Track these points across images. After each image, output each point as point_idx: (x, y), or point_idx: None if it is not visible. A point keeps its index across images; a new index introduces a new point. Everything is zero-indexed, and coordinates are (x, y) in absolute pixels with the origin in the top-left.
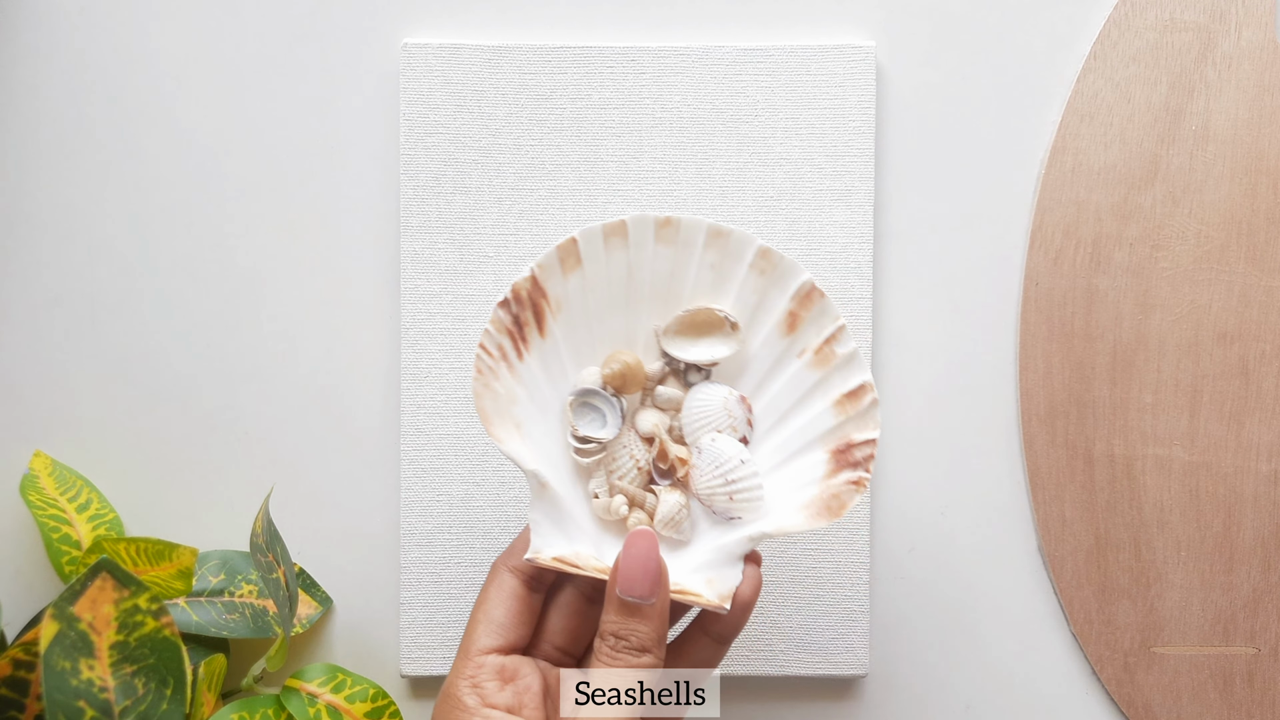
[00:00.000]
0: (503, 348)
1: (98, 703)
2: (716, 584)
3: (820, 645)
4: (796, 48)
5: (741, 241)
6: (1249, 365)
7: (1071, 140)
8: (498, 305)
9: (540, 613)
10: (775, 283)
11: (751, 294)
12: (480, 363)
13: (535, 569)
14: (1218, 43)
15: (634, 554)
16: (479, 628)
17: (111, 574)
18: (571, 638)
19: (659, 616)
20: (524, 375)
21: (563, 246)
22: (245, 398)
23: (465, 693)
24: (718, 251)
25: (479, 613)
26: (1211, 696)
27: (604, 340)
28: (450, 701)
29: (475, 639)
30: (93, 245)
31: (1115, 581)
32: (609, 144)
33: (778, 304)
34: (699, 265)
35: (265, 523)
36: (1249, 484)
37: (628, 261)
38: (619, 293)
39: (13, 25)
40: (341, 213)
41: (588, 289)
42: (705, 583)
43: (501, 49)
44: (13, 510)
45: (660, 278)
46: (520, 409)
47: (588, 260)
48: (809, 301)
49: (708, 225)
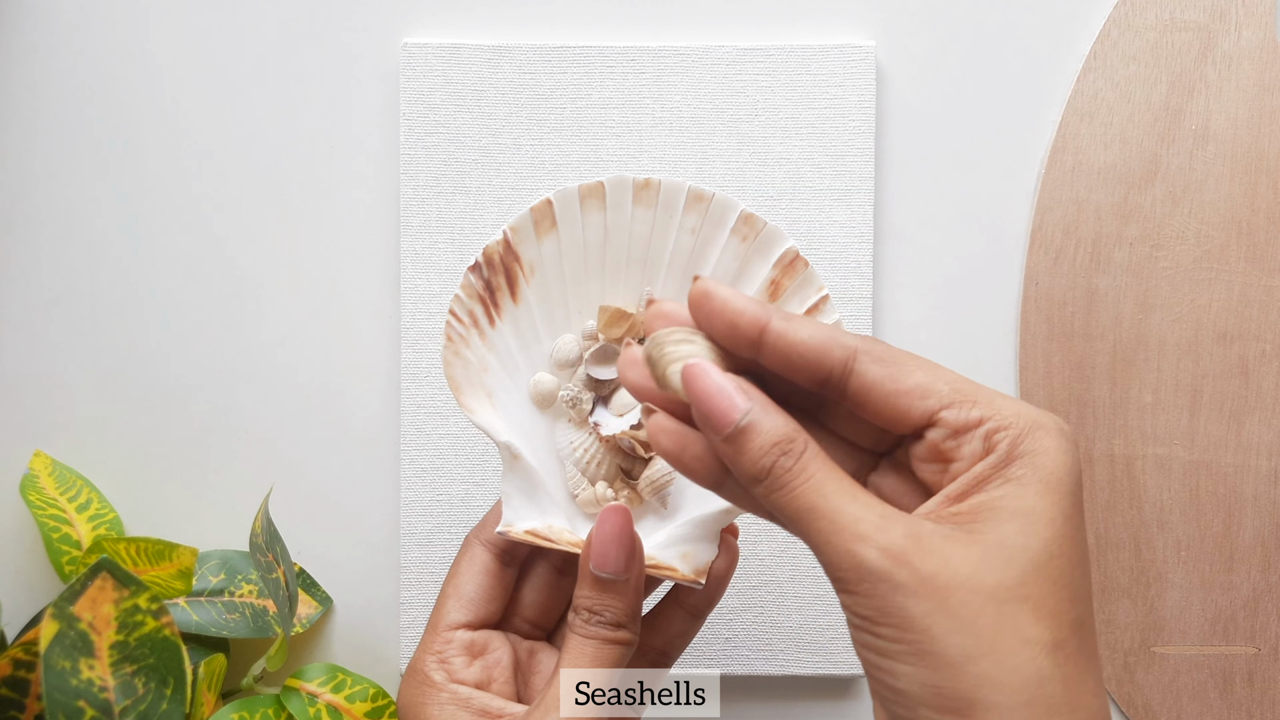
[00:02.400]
0: (474, 314)
1: (98, 703)
2: (692, 558)
3: (820, 645)
4: (796, 47)
5: (724, 205)
6: (1249, 365)
7: (1071, 140)
8: (468, 269)
9: (513, 586)
10: (758, 250)
11: (733, 260)
12: (450, 330)
13: (507, 542)
14: (1218, 42)
15: (607, 529)
16: (449, 602)
17: (111, 574)
18: (543, 611)
19: (633, 592)
20: (496, 343)
21: (537, 208)
22: (245, 398)
23: (432, 668)
24: (699, 215)
25: (449, 587)
26: (1211, 696)
27: (580, 306)
28: (417, 677)
29: (445, 613)
30: (93, 245)
31: (1115, 581)
32: (609, 144)
33: (760, 271)
34: (679, 229)
35: (265, 523)
36: (1249, 483)
37: (605, 224)
38: (595, 257)
39: (13, 25)
40: (341, 213)
41: (563, 253)
42: (680, 557)
43: (501, 49)
44: (13, 510)
45: (639, 242)
46: (492, 378)
47: (563, 223)
48: (793, 270)
49: (689, 188)
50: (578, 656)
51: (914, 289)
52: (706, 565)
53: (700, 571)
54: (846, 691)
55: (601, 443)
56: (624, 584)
